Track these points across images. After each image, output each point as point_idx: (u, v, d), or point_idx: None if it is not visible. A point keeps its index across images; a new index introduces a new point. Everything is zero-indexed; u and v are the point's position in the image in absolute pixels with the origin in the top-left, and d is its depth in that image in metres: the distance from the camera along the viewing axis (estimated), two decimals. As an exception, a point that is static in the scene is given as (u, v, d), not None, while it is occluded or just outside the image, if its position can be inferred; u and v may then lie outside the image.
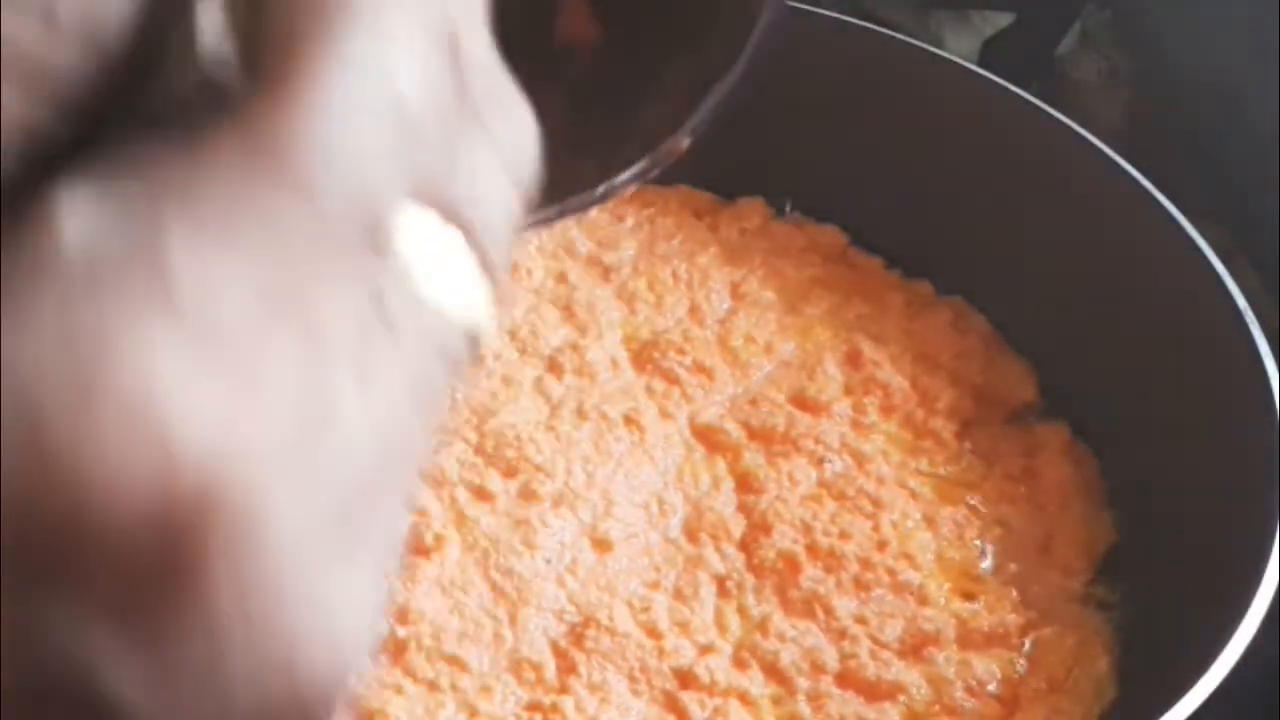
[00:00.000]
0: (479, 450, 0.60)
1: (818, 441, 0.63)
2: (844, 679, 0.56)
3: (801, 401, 0.65)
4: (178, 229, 0.16)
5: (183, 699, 0.16)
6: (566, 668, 0.55)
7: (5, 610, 0.15)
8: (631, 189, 0.33)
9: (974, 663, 0.57)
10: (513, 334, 0.66)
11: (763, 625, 0.57)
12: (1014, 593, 0.60)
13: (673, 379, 0.65)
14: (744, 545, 0.60)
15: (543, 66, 0.34)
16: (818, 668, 0.56)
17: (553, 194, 0.33)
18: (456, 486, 0.59)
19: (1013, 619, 0.59)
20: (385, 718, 0.52)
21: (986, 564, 0.61)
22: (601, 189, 0.32)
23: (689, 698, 0.54)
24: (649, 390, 0.65)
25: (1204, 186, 0.78)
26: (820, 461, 0.63)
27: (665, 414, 0.64)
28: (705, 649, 0.56)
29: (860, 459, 0.63)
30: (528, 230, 0.34)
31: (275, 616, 0.16)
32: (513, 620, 0.56)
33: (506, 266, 0.21)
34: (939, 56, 0.70)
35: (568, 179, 0.33)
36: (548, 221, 0.33)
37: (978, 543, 0.62)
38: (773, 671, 0.56)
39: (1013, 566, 0.61)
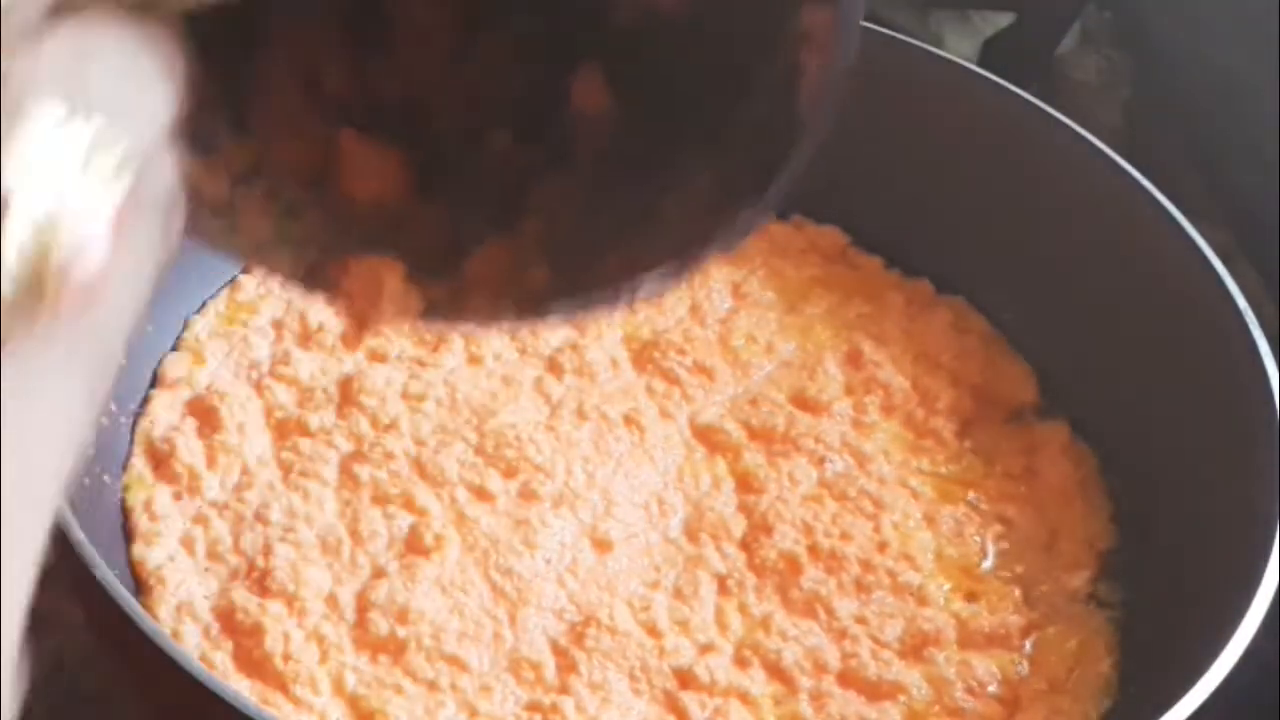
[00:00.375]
0: (479, 450, 0.60)
1: (818, 441, 0.63)
2: (845, 678, 0.56)
3: (802, 401, 0.65)
4: None
5: None
6: (567, 666, 0.55)
7: None
8: (657, 293, 0.32)
9: (974, 663, 0.57)
10: (513, 334, 0.66)
11: (764, 624, 0.57)
12: (1016, 592, 0.60)
13: (673, 379, 0.65)
14: (745, 545, 0.60)
15: (561, 146, 0.33)
16: (819, 667, 0.56)
17: (575, 287, 0.32)
18: (456, 486, 0.59)
19: (1014, 619, 0.59)
20: (385, 718, 0.52)
21: (987, 564, 0.61)
22: (626, 290, 0.32)
23: (689, 697, 0.54)
24: (649, 390, 0.65)
25: (1204, 186, 0.78)
26: (821, 461, 0.63)
27: (665, 414, 0.64)
28: (706, 648, 0.56)
29: (861, 459, 0.63)
30: (550, 324, 0.33)
31: None
32: (513, 620, 0.56)
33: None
34: (939, 56, 0.70)
35: (587, 270, 0.32)
36: (567, 315, 0.33)
37: (977, 539, 0.62)
38: (774, 670, 0.56)
39: (1013, 566, 0.61)
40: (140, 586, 0.55)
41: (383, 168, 0.29)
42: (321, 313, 0.65)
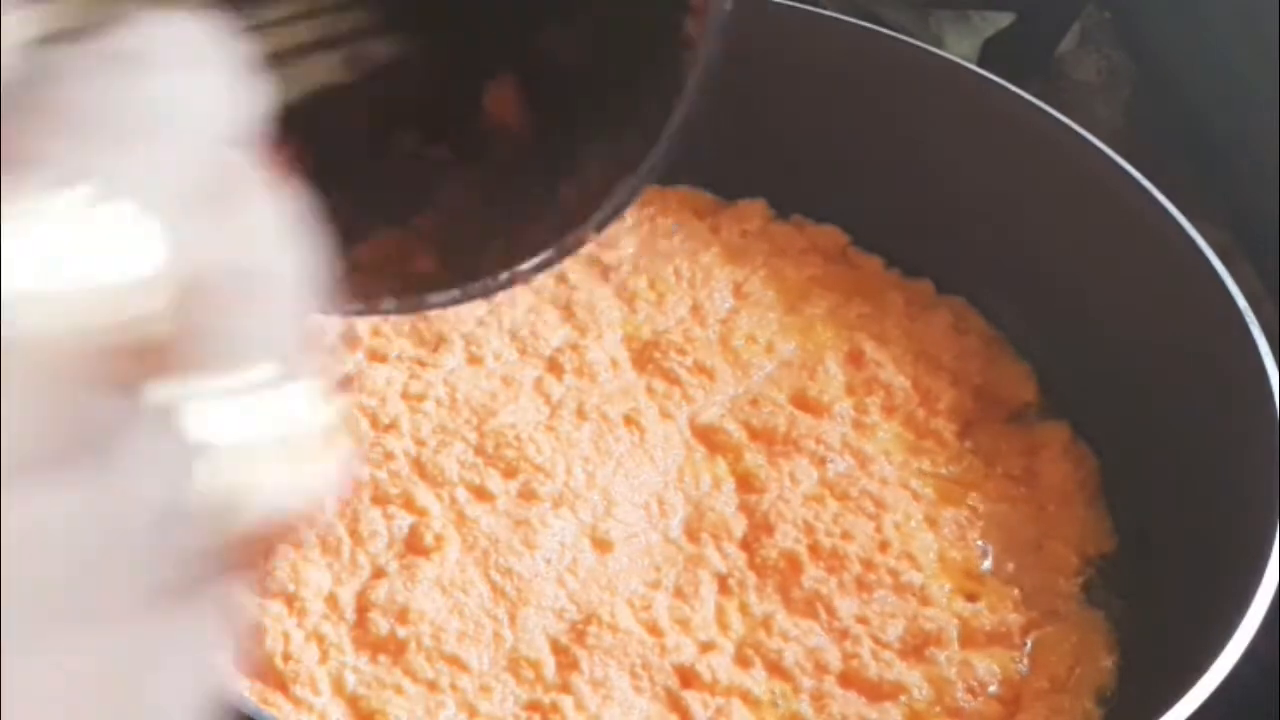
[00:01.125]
0: (479, 450, 0.60)
1: (819, 442, 0.63)
2: (846, 679, 0.56)
3: (803, 402, 0.65)
4: None
5: None
6: (568, 664, 0.55)
7: None
8: (537, 277, 0.33)
9: (975, 662, 0.57)
10: (513, 334, 0.66)
11: (766, 624, 0.57)
12: (1015, 592, 0.60)
13: (673, 379, 0.65)
14: (745, 545, 0.60)
15: (467, 145, 0.34)
16: (820, 667, 0.56)
17: (457, 275, 0.33)
18: (456, 486, 0.59)
19: (1014, 618, 0.59)
20: (385, 718, 0.52)
21: (987, 564, 0.61)
22: (506, 275, 0.33)
23: (691, 696, 0.54)
24: (649, 390, 0.65)
25: (1204, 186, 0.78)
26: (822, 462, 0.63)
27: (666, 414, 0.64)
28: (707, 646, 0.56)
29: (863, 459, 0.63)
30: (431, 310, 0.34)
31: None
32: (512, 620, 0.56)
33: None
34: (939, 56, 0.70)
35: (474, 260, 0.33)
36: (447, 304, 0.33)
37: (979, 541, 0.62)
38: (775, 670, 0.56)
39: (1013, 566, 0.61)
40: (140, 586, 0.55)
41: (284, 157, 0.29)
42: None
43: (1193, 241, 0.62)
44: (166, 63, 0.18)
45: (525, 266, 0.32)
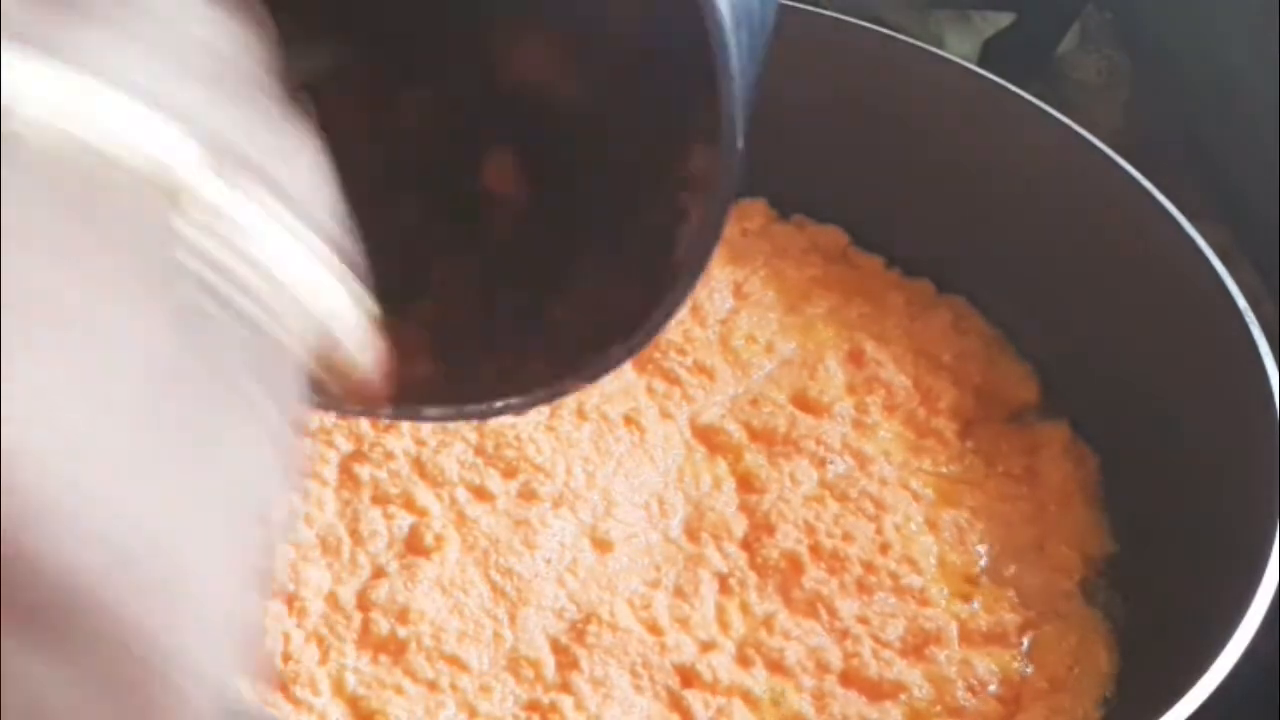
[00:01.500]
0: (479, 450, 0.60)
1: (819, 442, 0.63)
2: (847, 678, 0.56)
3: (803, 402, 0.65)
4: None
5: None
6: (568, 664, 0.55)
7: None
8: (527, 411, 0.33)
9: (975, 662, 0.57)
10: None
11: (767, 623, 0.57)
12: (1013, 592, 0.60)
13: (673, 379, 0.65)
14: (746, 545, 0.60)
15: (463, 230, 0.34)
16: (821, 667, 0.56)
17: (453, 387, 0.33)
18: (456, 486, 0.59)
19: (1013, 618, 0.59)
20: (385, 718, 0.52)
21: (987, 563, 0.61)
22: (499, 404, 0.33)
23: (693, 695, 0.54)
24: (649, 390, 0.65)
25: (1204, 186, 0.78)
26: (822, 463, 0.63)
27: (666, 414, 0.64)
28: (707, 645, 0.56)
29: (862, 460, 0.63)
30: (418, 422, 0.35)
31: None
32: (512, 620, 0.56)
33: None
34: (939, 56, 0.70)
35: (467, 380, 0.33)
36: (441, 420, 0.34)
37: (979, 543, 0.62)
38: (776, 669, 0.56)
39: (1013, 566, 0.61)
40: (140, 586, 0.55)
41: None
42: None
43: (1193, 241, 0.62)
44: None
45: (517, 401, 0.33)
